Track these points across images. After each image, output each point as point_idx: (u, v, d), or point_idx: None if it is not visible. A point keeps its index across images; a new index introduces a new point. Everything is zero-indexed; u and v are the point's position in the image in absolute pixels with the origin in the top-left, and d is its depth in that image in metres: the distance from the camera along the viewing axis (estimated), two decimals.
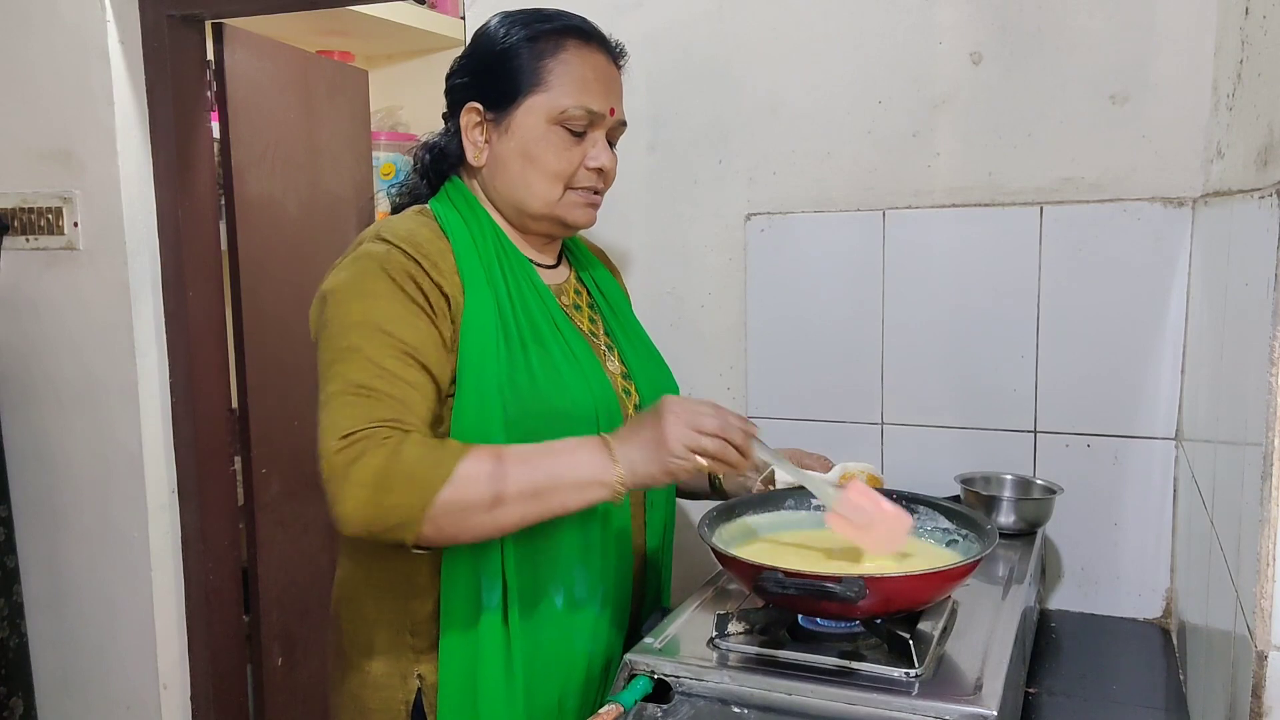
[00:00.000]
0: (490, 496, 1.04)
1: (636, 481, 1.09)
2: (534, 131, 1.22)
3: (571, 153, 1.23)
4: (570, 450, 1.09)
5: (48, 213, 2.12)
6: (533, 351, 1.19)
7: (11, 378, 2.22)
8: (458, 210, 1.25)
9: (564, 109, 1.21)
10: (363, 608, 1.24)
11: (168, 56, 2.09)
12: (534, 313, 1.22)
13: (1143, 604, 1.52)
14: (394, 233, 1.18)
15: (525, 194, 1.24)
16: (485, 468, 1.05)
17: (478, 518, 1.05)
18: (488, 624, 1.17)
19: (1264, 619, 0.75)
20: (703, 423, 1.08)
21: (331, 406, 1.08)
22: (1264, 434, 0.75)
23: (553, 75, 1.21)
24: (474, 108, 1.24)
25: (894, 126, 1.59)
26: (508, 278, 1.22)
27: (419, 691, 1.20)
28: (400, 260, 1.14)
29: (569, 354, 1.23)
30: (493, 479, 1.04)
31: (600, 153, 1.25)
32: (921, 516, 1.26)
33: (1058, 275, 1.50)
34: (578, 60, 1.23)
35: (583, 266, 1.39)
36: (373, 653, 1.22)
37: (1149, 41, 1.44)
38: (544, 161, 1.22)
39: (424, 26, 2.85)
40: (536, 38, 1.22)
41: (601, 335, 1.33)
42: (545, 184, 1.23)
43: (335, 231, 2.58)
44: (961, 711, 0.94)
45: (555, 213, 1.25)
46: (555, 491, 1.07)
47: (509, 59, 1.22)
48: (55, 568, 2.24)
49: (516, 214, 1.26)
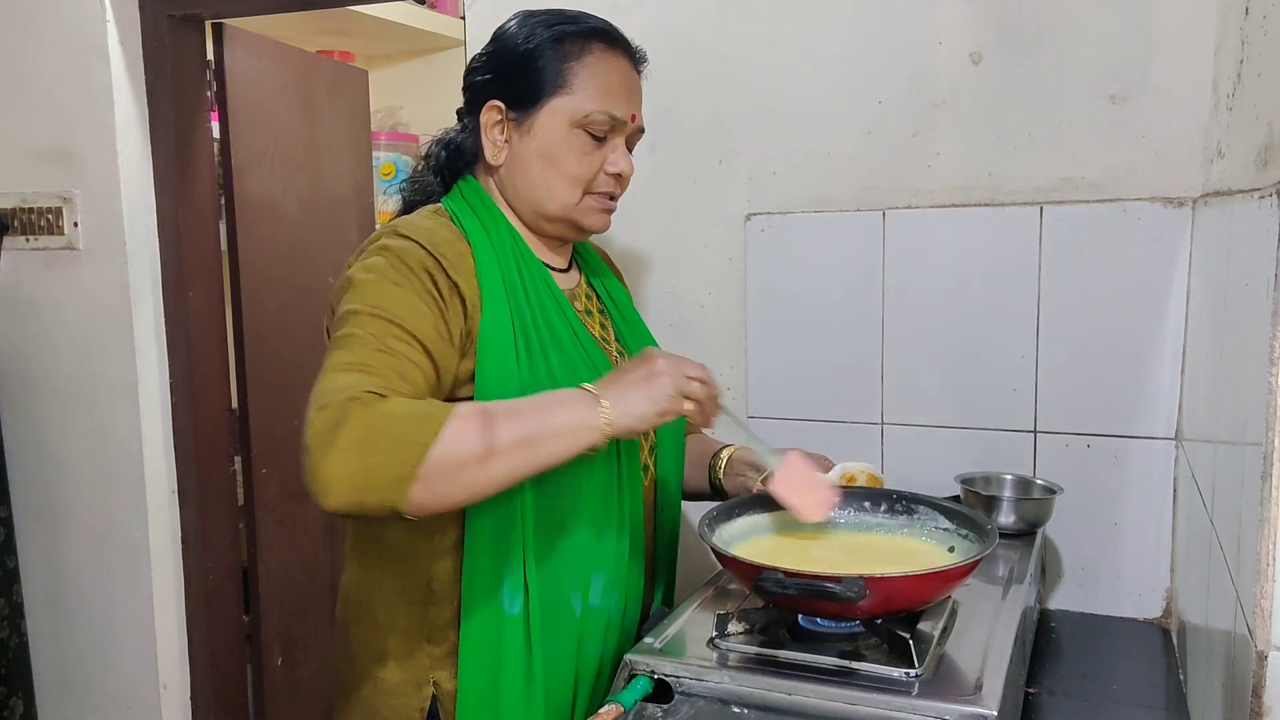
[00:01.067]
0: (481, 450, 1.00)
1: (625, 423, 1.06)
2: (556, 134, 1.21)
3: (592, 157, 1.22)
4: (557, 399, 1.07)
5: (48, 213, 2.12)
6: (553, 358, 1.18)
7: (12, 377, 2.22)
8: (474, 211, 1.23)
9: (587, 113, 1.20)
10: (374, 614, 1.22)
11: (168, 56, 2.09)
12: (553, 319, 1.21)
13: (1143, 604, 1.52)
14: (413, 229, 1.16)
15: (544, 196, 1.23)
16: (474, 423, 1.00)
17: (470, 473, 1.00)
18: (510, 630, 1.16)
19: (1264, 619, 0.75)
20: (688, 368, 1.10)
21: (322, 379, 1.04)
22: (1264, 434, 0.75)
23: (577, 78, 1.20)
24: (495, 105, 1.23)
25: (894, 126, 1.59)
26: (526, 284, 1.21)
27: (434, 699, 1.19)
28: (419, 254, 1.13)
29: (587, 360, 1.22)
30: (482, 432, 1.00)
31: (620, 159, 1.24)
32: (921, 516, 1.26)
33: (1058, 275, 1.50)
34: (603, 65, 1.22)
35: (592, 271, 1.39)
36: (386, 659, 1.21)
37: (1149, 41, 1.44)
38: (565, 164, 1.21)
39: (424, 26, 2.85)
40: (562, 39, 1.21)
41: (613, 340, 1.33)
42: (564, 187, 1.22)
43: (335, 232, 2.58)
44: (961, 711, 0.94)
45: (572, 216, 1.24)
46: (545, 439, 1.03)
47: (533, 59, 1.21)
48: (55, 568, 2.24)
49: (532, 215, 1.25)
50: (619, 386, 1.07)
